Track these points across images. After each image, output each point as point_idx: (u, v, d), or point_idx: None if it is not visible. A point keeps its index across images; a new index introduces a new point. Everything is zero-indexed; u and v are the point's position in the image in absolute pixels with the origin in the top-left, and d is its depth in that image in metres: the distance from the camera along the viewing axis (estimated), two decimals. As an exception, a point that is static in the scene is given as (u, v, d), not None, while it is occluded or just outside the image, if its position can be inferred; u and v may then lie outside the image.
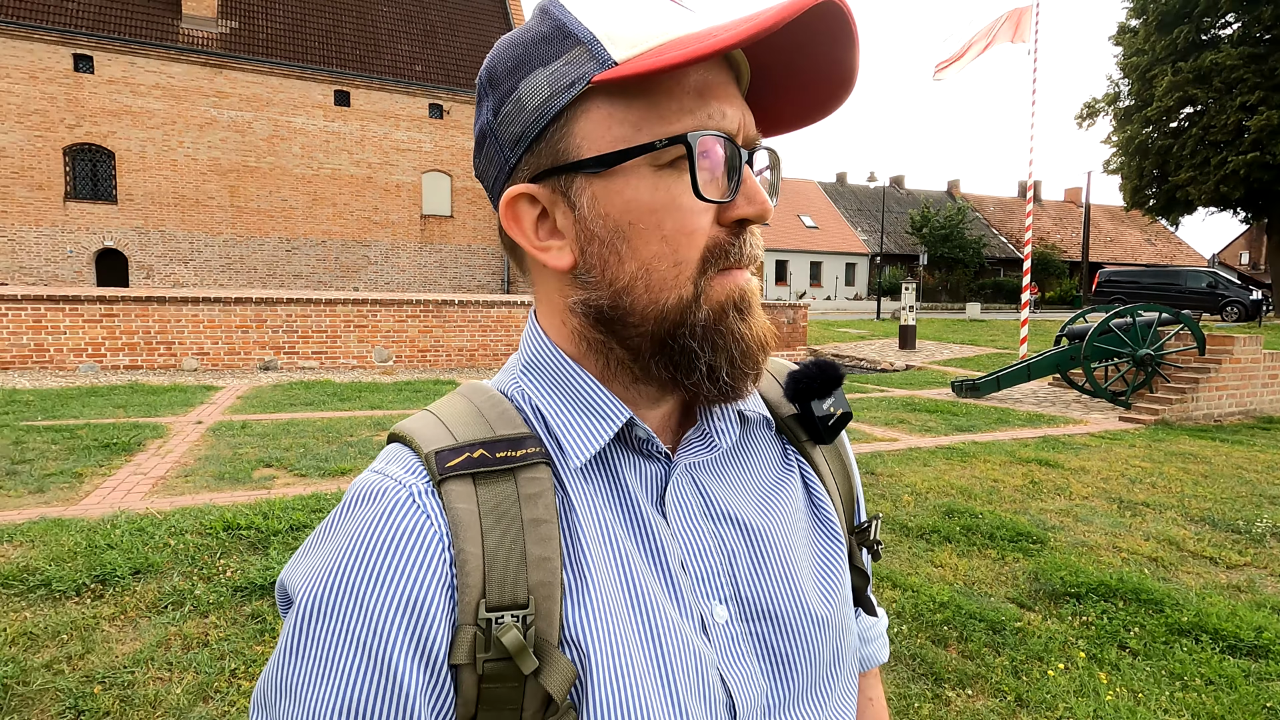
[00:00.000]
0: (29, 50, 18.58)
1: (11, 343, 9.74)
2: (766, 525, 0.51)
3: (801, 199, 40.87)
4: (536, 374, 0.49)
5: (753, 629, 0.48)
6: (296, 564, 0.45)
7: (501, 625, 0.40)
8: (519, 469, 0.44)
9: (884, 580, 3.09)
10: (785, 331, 14.03)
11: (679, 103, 0.42)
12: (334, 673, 0.39)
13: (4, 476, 4.08)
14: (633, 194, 0.43)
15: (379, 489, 0.43)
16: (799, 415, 0.57)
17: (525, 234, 0.46)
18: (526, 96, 0.44)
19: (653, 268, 0.44)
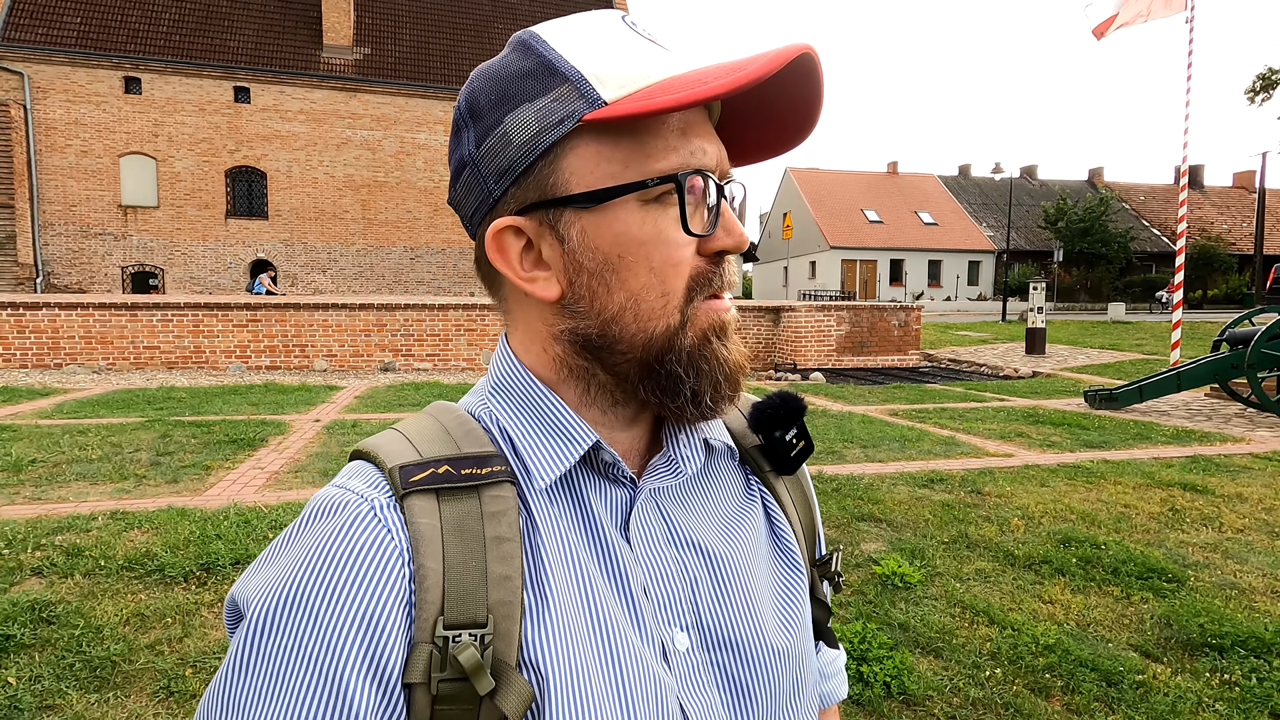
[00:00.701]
0: (199, 86, 21.02)
1: (176, 345, 11.02)
2: (729, 553, 0.51)
3: (919, 194, 38.71)
4: (505, 396, 0.50)
5: (713, 657, 0.49)
6: (250, 577, 0.44)
7: (459, 644, 0.39)
8: (483, 486, 0.44)
9: (978, 615, 2.80)
10: (896, 336, 13.30)
11: (664, 141, 0.44)
12: (283, 689, 0.38)
13: (149, 467, 4.58)
14: (622, 228, 0.45)
15: (339, 502, 0.43)
16: (762, 446, 0.58)
17: (511, 265, 0.47)
18: (513, 131, 0.45)
19: (641, 298, 0.45)
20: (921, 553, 3.36)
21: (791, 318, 12.91)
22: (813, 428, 6.26)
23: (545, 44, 0.46)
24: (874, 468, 4.93)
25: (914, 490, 4.35)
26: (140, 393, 7.85)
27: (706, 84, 0.41)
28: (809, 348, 12.87)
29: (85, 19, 20.63)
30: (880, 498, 4.16)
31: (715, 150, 0.47)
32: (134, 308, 10.92)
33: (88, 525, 3.32)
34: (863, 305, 13.34)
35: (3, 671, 2.23)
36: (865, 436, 5.93)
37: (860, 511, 3.90)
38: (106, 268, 20.85)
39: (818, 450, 5.45)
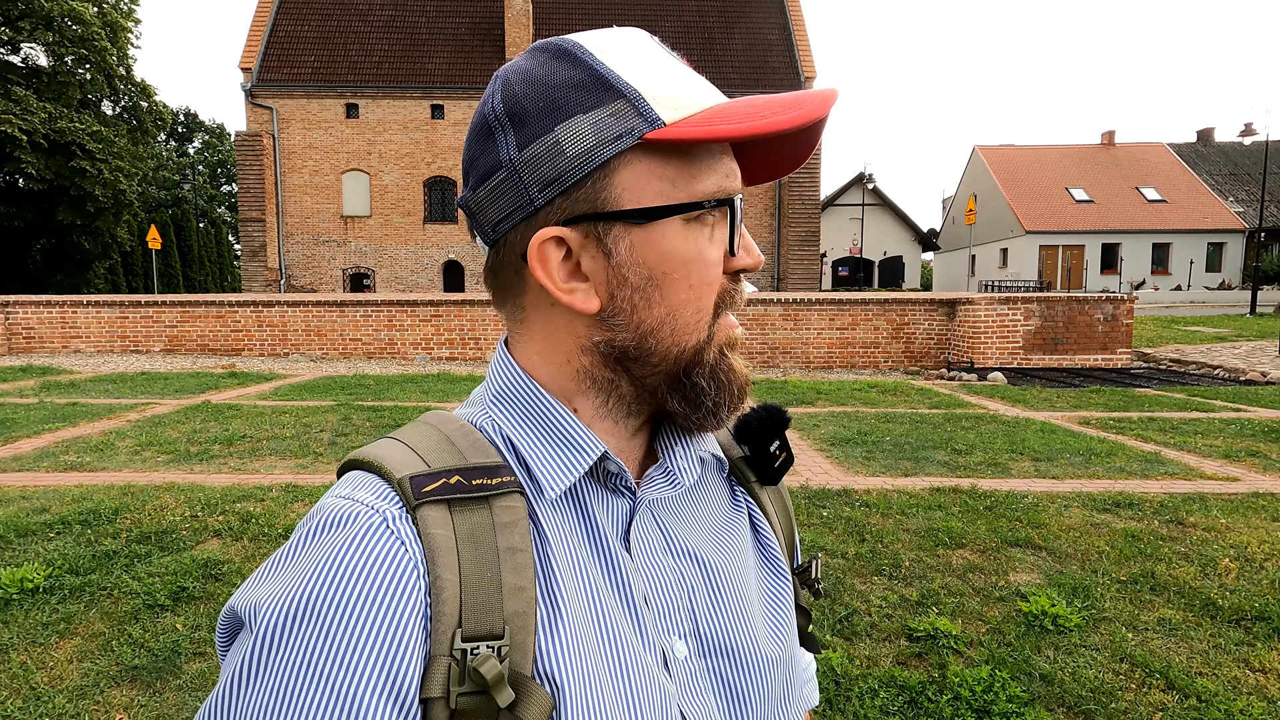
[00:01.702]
0: (403, 106, 23.63)
1: (374, 337, 12.49)
2: (722, 563, 0.53)
3: (1142, 167, 33.27)
4: (509, 406, 0.50)
5: (710, 665, 0.50)
6: (253, 588, 0.42)
7: (478, 656, 0.39)
8: (494, 497, 0.44)
9: (1153, 675, 2.29)
10: (1100, 331, 11.55)
11: (706, 164, 0.46)
12: (292, 706, 0.37)
13: (327, 446, 5.20)
14: (669, 245, 0.46)
15: (349, 514, 0.41)
16: (747, 457, 0.60)
17: (551, 275, 0.47)
18: (566, 141, 0.45)
19: (679, 313, 0.47)
20: (1086, 591, 2.84)
21: (969, 311, 11.69)
22: (976, 435, 5.60)
23: (593, 56, 0.46)
24: (1044, 485, 4.28)
25: (1090, 515, 3.71)
26: (339, 379, 8.98)
27: (765, 118, 0.44)
28: (989, 344, 11.58)
29: (317, 58, 24.02)
30: (1044, 521, 3.59)
31: (737, 173, 0.49)
32: (342, 305, 12.54)
33: (265, 495, 3.83)
34: (1057, 296, 11.73)
35: (174, 618, 2.61)
36: (1040, 448, 5.18)
37: (1014, 536, 3.39)
38: (331, 270, 24.18)
39: (974, 461, 4.85)
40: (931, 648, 2.45)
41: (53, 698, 2.15)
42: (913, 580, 2.95)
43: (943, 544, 3.30)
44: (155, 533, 3.29)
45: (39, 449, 5.01)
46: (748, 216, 23.92)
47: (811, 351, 12.28)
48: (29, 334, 12.40)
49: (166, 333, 12.48)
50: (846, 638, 2.52)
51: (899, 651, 2.44)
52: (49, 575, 2.81)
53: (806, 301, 12.28)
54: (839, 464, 4.78)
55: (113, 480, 4.18)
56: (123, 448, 5.05)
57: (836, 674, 2.28)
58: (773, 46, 24.43)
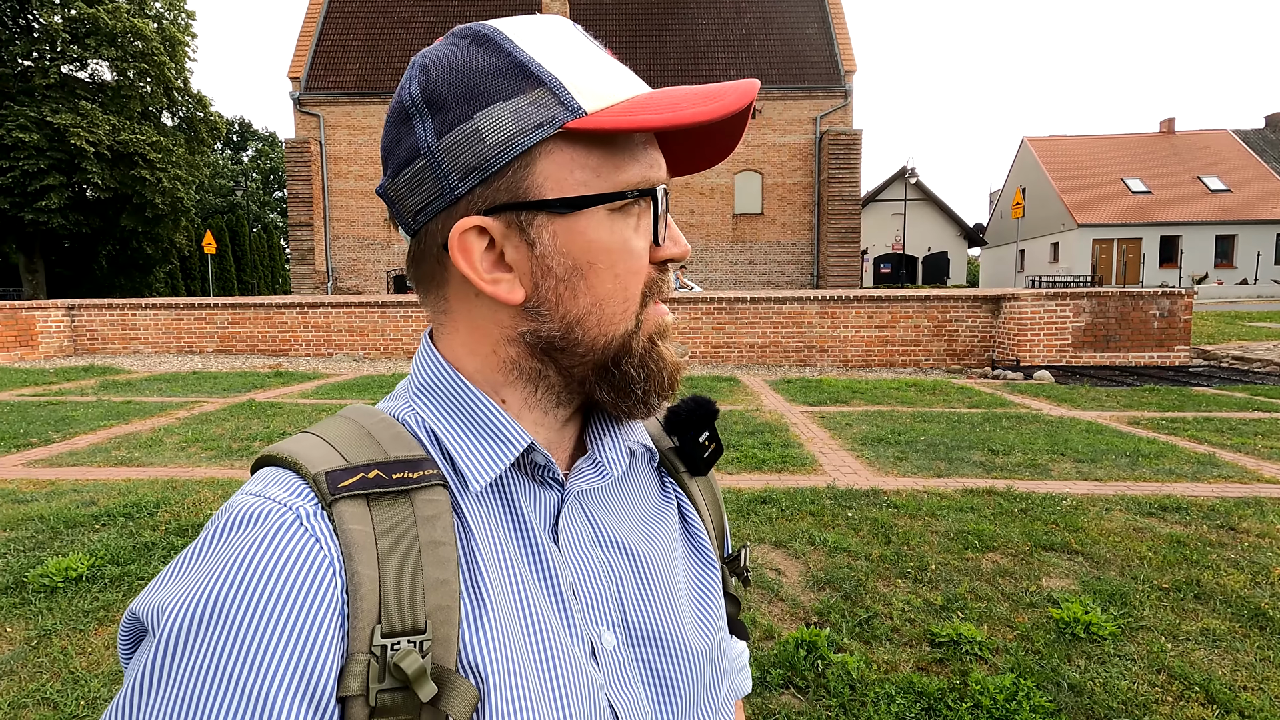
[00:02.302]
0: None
1: (414, 338, 12.73)
2: (650, 553, 0.53)
3: (1204, 155, 31.71)
4: (432, 398, 0.50)
5: (638, 654, 0.50)
6: (154, 592, 0.40)
7: (399, 651, 0.38)
8: (416, 490, 0.43)
9: (1192, 688, 2.17)
10: (1156, 328, 11.04)
11: (629, 153, 0.46)
12: (199, 713, 0.35)
13: (361, 443, 5.32)
14: (594, 235, 0.46)
15: (259, 511, 0.40)
16: (677, 448, 0.61)
17: (474, 265, 0.47)
18: (486, 130, 0.44)
19: (605, 303, 0.47)
20: (1124, 598, 2.71)
21: (1014, 308, 11.31)
22: (1016, 435, 5.42)
23: (513, 43, 0.45)
24: (1085, 487, 4.11)
25: (1133, 519, 3.55)
26: (378, 378, 9.19)
27: (686, 109, 0.44)
28: (1036, 342, 11.19)
29: (362, 65, 24.65)
30: (1083, 525, 3.44)
31: (661, 163, 0.49)
32: (384, 306, 12.84)
33: (298, 490, 3.94)
34: (1109, 292, 11.25)
35: (205, 608, 2.70)
36: (1084, 448, 4.98)
37: (1050, 540, 3.26)
38: (375, 272, 24.78)
39: (1012, 462, 4.69)
40: (954, 653, 2.37)
41: (89, 682, 2.25)
42: (938, 584, 2.86)
43: (972, 547, 3.19)
44: (192, 525, 3.41)
45: (93, 444, 5.25)
46: (784, 212, 23.70)
47: (849, 350, 12.07)
48: (92, 335, 13.04)
49: (218, 334, 12.97)
50: (865, 641, 2.46)
51: (920, 657, 2.37)
52: (91, 565, 2.95)
53: (844, 299, 12.07)
54: (869, 464, 4.67)
55: (158, 475, 4.36)
56: (170, 444, 5.27)
57: (852, 678, 2.22)
58: (811, 41, 24.09)
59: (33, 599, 2.71)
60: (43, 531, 3.34)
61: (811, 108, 23.35)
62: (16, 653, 2.39)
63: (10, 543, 3.21)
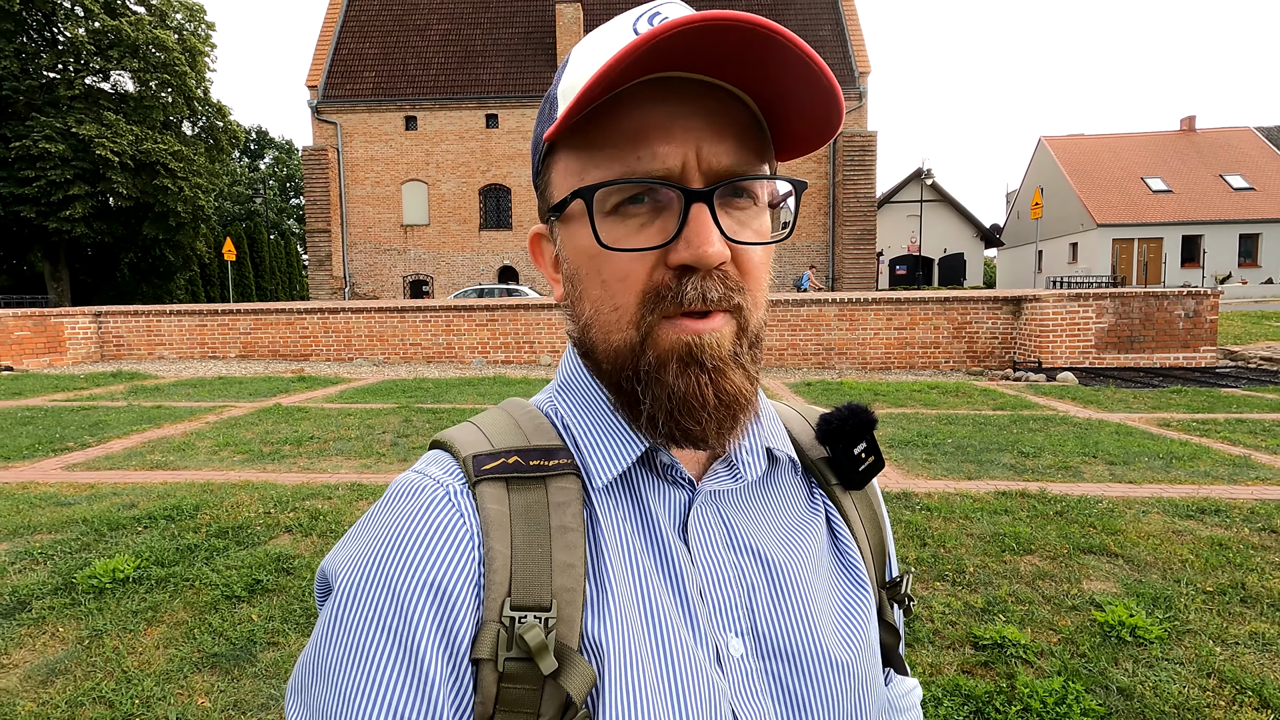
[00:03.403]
0: (459, 117, 24.24)
1: (433, 342, 12.84)
2: (788, 562, 0.51)
3: (1227, 153, 31.26)
4: (569, 394, 0.52)
5: (768, 666, 0.48)
6: (337, 553, 0.47)
7: (525, 624, 0.41)
8: (550, 477, 0.46)
9: (1244, 693, 2.15)
10: (1181, 328, 10.90)
11: (613, 148, 0.43)
12: (364, 656, 0.41)
13: (389, 446, 5.37)
14: (579, 240, 0.46)
15: (417, 486, 0.45)
16: (829, 459, 0.58)
17: (545, 266, 0.52)
18: (533, 149, 0.51)
19: (599, 310, 0.46)
20: (1169, 601, 2.68)
21: (1036, 309, 11.21)
22: (1044, 437, 5.37)
23: (566, 62, 0.48)
24: (1120, 489, 4.07)
25: (1172, 521, 3.50)
26: (400, 383, 9.27)
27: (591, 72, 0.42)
28: (1058, 343, 11.08)
29: (378, 73, 24.89)
30: (1121, 527, 3.41)
31: (680, 152, 0.43)
32: (403, 311, 12.94)
33: (331, 494, 3.98)
34: (1133, 292, 11.12)
35: (250, 609, 2.74)
36: (1115, 451, 4.93)
37: (1089, 542, 3.23)
38: (392, 277, 24.98)
39: (1043, 464, 4.65)
40: (999, 657, 2.35)
41: (142, 680, 2.29)
42: (977, 586, 2.85)
43: (1010, 549, 3.17)
44: (232, 528, 3.46)
45: (128, 449, 5.34)
46: (800, 214, 23.63)
47: (868, 352, 12.00)
48: (119, 341, 13.25)
49: (241, 339, 13.14)
50: (908, 644, 2.45)
51: (964, 660, 2.36)
52: (137, 566, 3.00)
53: (862, 301, 12.01)
54: (898, 466, 4.65)
55: (194, 478, 4.43)
56: (202, 448, 5.34)
57: (897, 681, 2.22)
58: (825, 43, 24.03)
59: (82, 600, 2.76)
60: (87, 534, 3.40)
61: (826, 110, 23.28)
62: (70, 652, 2.44)
63: (57, 544, 3.27)
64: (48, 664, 2.37)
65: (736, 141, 0.44)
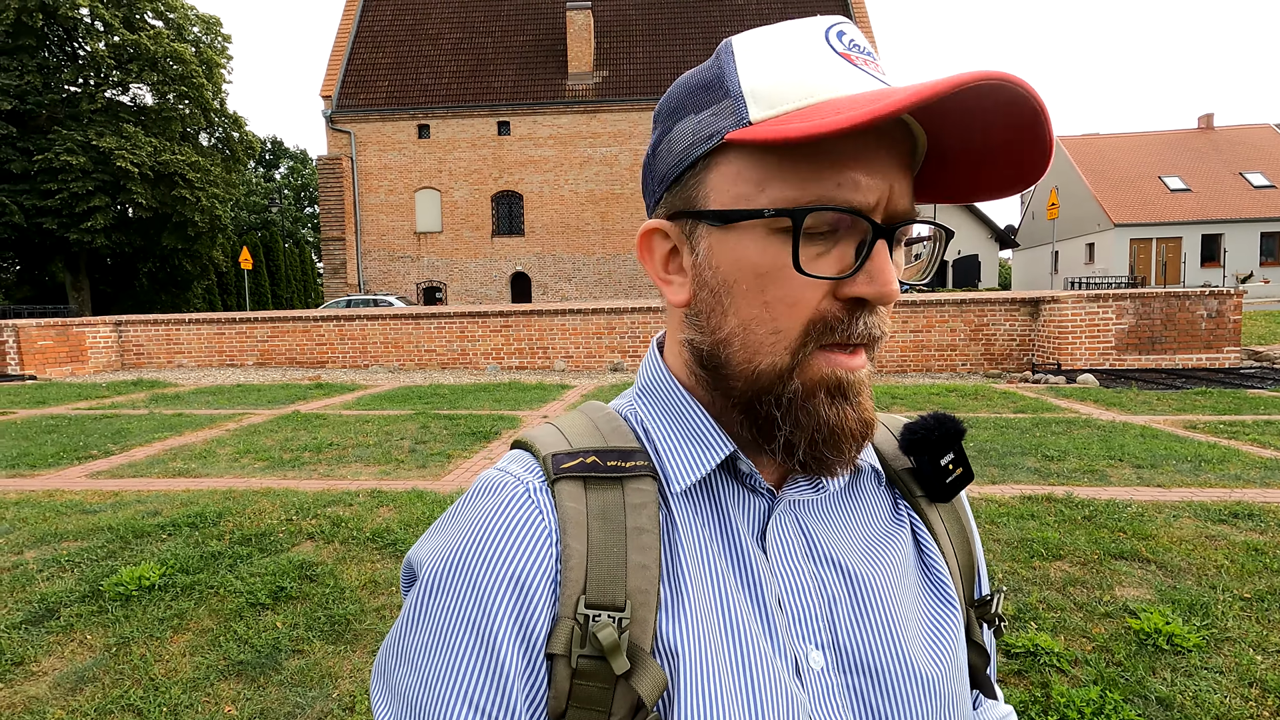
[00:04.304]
0: (471, 125, 24.40)
1: (447, 349, 12.89)
2: (871, 575, 0.50)
3: (1246, 151, 30.83)
4: (650, 398, 0.52)
5: (849, 681, 0.47)
6: (423, 544, 0.48)
7: (598, 623, 0.41)
8: (627, 479, 0.46)
9: (1289, 703, 2.09)
10: (1204, 329, 10.73)
11: (810, 168, 0.42)
12: (444, 646, 0.42)
13: (407, 453, 5.38)
14: (743, 253, 0.44)
15: (499, 483, 0.46)
16: (914, 470, 0.56)
17: (654, 264, 0.50)
18: (675, 140, 0.47)
19: (750, 329, 0.45)
20: (1205, 608, 2.62)
21: (1054, 310, 11.08)
22: (1068, 440, 5.29)
23: (732, 54, 0.45)
24: (1148, 493, 4.00)
25: (1204, 526, 3.43)
26: (416, 389, 9.30)
27: (841, 115, 0.38)
28: (1078, 345, 10.94)
29: (391, 82, 25.13)
30: (1151, 532, 3.34)
31: (878, 185, 0.42)
32: (417, 318, 13.01)
33: (352, 500, 3.99)
34: (1153, 292, 10.97)
35: (274, 616, 2.75)
36: (1141, 454, 4.84)
37: (1119, 548, 3.17)
38: (406, 284, 25.15)
39: (1068, 468, 4.58)
40: (1032, 665, 2.31)
41: (169, 688, 2.30)
42: (1008, 593, 2.80)
43: (1038, 555, 3.12)
44: (255, 535, 3.47)
45: (150, 456, 5.39)
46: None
47: (883, 355, 11.92)
48: (139, 350, 13.41)
49: (258, 347, 13.26)
50: (938, 652, 2.41)
51: (997, 668, 2.31)
52: (163, 574, 3.01)
53: (878, 304, 11.93)
54: (920, 471, 4.60)
55: (215, 485, 4.46)
56: (223, 455, 5.38)
57: (929, 690, 2.18)
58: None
59: (109, 607, 2.78)
60: (113, 541, 3.43)
61: (837, 112, 23.24)
62: (98, 660, 2.45)
63: (83, 552, 3.30)
64: (76, 671, 2.39)
65: (911, 182, 0.45)
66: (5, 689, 2.31)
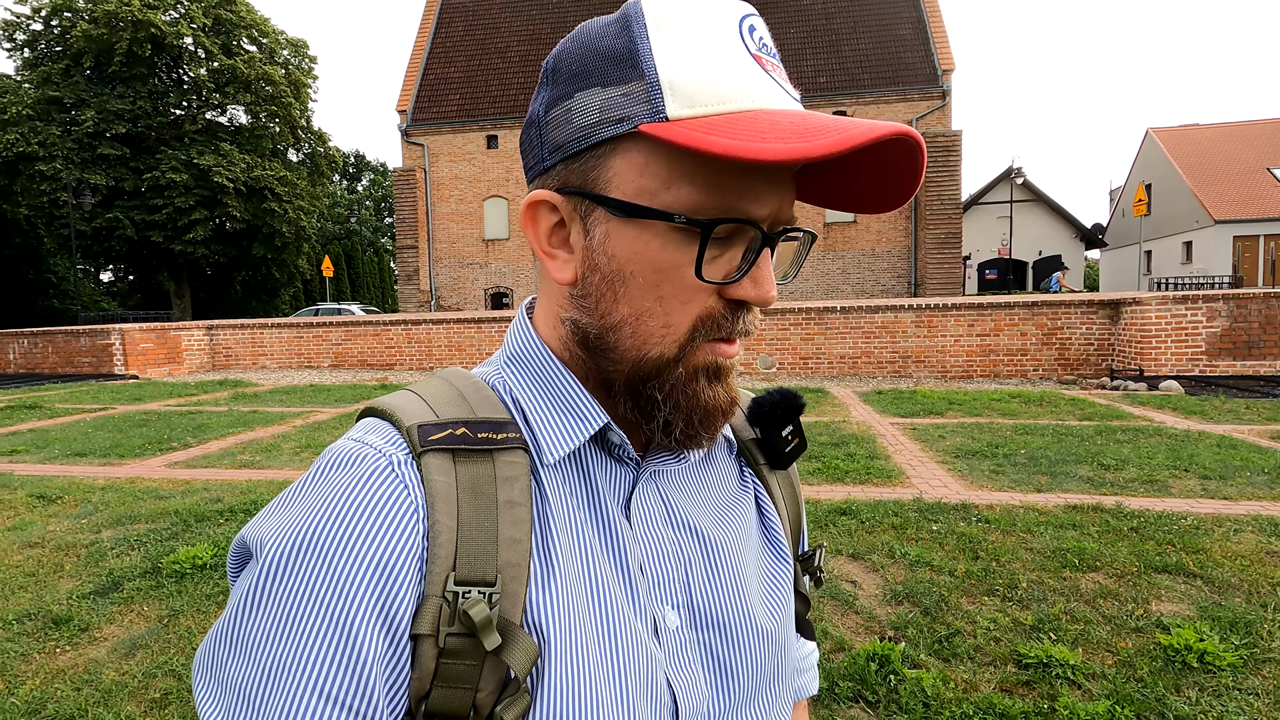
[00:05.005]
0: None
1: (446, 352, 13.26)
2: (722, 538, 0.53)
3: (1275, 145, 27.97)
4: (520, 368, 0.51)
5: (700, 636, 0.50)
6: (262, 521, 0.43)
7: (468, 599, 0.40)
8: (498, 451, 0.45)
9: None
10: None
11: (718, 175, 0.42)
12: (293, 631, 0.39)
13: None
14: (643, 247, 0.43)
15: (357, 455, 0.43)
16: (759, 440, 0.60)
17: (538, 236, 0.48)
18: (576, 112, 0.44)
19: (642, 319, 0.45)
20: (1250, 627, 2.45)
21: (1136, 313, 10.40)
22: (1132, 449, 4.99)
23: (644, 26, 0.43)
24: (1211, 505, 3.73)
25: (1267, 541, 3.19)
26: (473, 390, 9.62)
27: (768, 143, 0.39)
28: (1163, 350, 10.23)
29: (462, 95, 26.09)
30: (1204, 546, 3.13)
31: (774, 198, 0.43)
32: (479, 321, 13.46)
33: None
34: (1250, 293, 10.14)
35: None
36: (1212, 465, 4.51)
37: (1164, 561, 2.99)
38: (474, 290, 25.99)
39: (1125, 477, 4.32)
40: (1043, 676, 2.22)
41: (207, 657, 2.50)
42: (1030, 603, 2.69)
43: (1071, 566, 2.97)
44: (301, 522, 3.71)
45: (223, 449, 5.82)
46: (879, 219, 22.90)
47: (948, 360, 11.48)
48: (228, 352, 14.42)
49: (333, 350, 14.01)
50: (944, 659, 2.35)
51: (1004, 678, 2.23)
52: (214, 554, 3.27)
53: (942, 307, 11.52)
54: (961, 477, 4.44)
55: (274, 476, 4.78)
56: (286, 449, 5.74)
57: (927, 695, 2.13)
58: (905, 42, 23.33)
59: (165, 583, 3.04)
60: (177, 524, 3.74)
61: (906, 110, 22.54)
62: (150, 629, 2.70)
63: (150, 533, 3.62)
64: (132, 639, 2.63)
65: (794, 190, 0.47)
66: (71, 651, 2.57)
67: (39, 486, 4.59)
